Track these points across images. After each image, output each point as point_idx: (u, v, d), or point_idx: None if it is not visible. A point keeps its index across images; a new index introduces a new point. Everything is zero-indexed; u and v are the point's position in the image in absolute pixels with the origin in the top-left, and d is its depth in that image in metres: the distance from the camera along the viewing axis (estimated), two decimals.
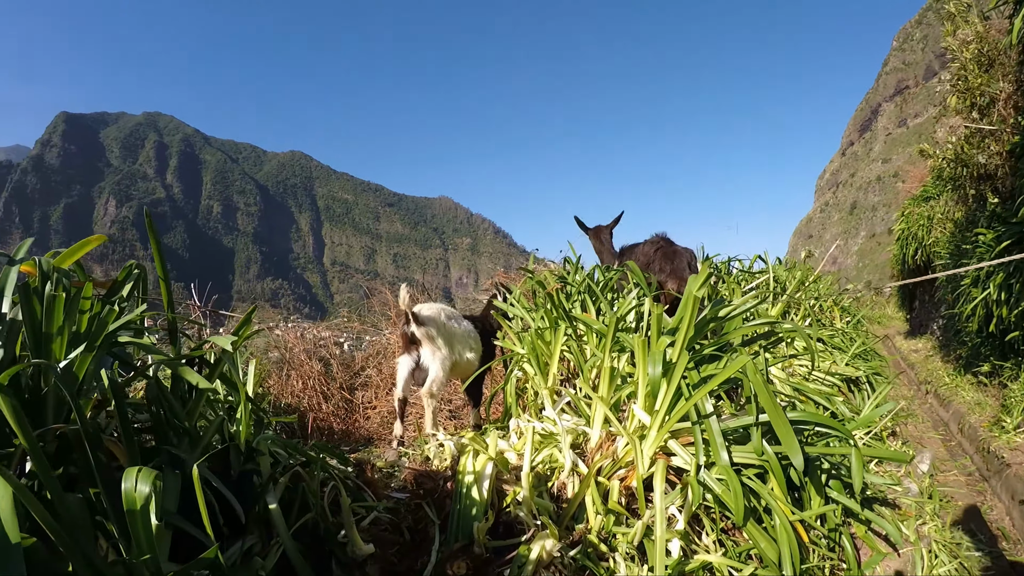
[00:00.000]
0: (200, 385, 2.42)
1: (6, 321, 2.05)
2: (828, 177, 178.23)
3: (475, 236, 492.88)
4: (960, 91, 9.55)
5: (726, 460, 2.82)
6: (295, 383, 6.76)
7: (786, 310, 7.56)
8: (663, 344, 3.29)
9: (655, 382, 3.15)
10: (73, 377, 2.07)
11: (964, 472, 6.70)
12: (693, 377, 3.25)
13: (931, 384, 10.77)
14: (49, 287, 2.08)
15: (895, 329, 23.80)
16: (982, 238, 8.89)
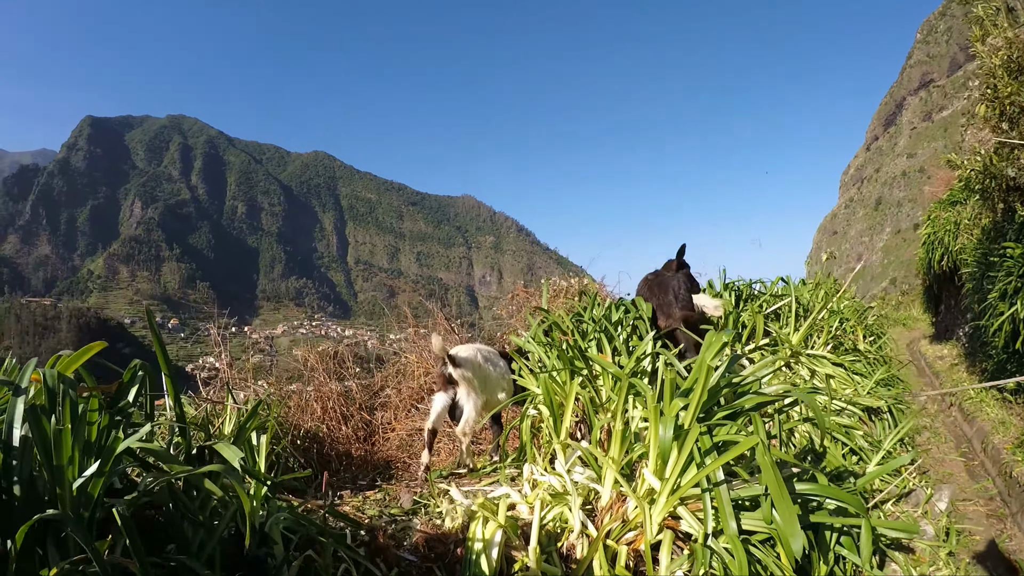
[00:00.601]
0: (216, 495, 2.45)
1: (19, 443, 2.07)
2: (852, 172, 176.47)
3: (498, 234, 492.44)
4: (989, 99, 9.23)
5: (734, 529, 2.82)
6: (315, 404, 6.79)
7: (808, 335, 7.46)
8: (675, 408, 3.27)
9: (666, 448, 3.16)
10: (88, 498, 2.10)
11: (985, 496, 6.62)
12: (705, 442, 3.23)
13: (955, 397, 10.64)
14: (56, 413, 2.11)
15: (920, 332, 23.52)
16: (1010, 251, 8.77)
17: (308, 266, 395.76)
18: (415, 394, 7.54)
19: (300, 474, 3.54)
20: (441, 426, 5.75)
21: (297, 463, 5.24)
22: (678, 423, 3.25)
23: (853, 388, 6.71)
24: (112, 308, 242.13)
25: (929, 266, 17.83)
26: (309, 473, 4.80)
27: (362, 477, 5.81)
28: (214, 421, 4.66)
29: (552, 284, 9.58)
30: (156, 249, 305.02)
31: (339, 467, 5.88)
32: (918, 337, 22.13)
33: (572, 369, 4.60)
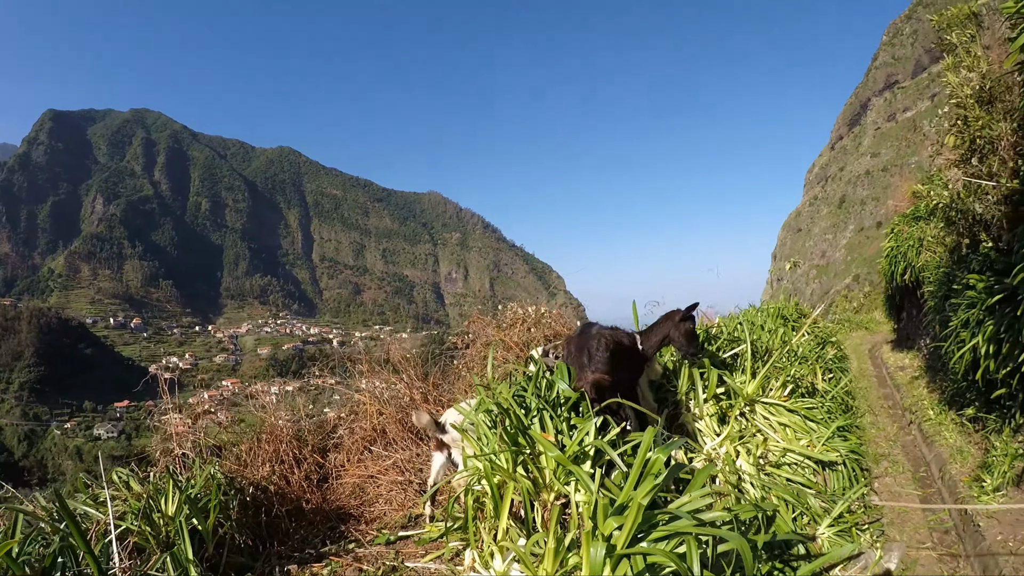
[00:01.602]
0: None
1: None
2: (817, 171, 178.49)
3: (464, 231, 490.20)
4: (959, 130, 9.25)
5: None
6: (267, 447, 6.63)
7: (764, 384, 7.37)
8: (609, 528, 3.24)
9: (596, 570, 3.12)
10: None
11: (940, 529, 6.66)
12: (638, 563, 3.18)
13: (916, 415, 10.72)
14: None
15: (882, 337, 23.86)
16: (973, 281, 8.76)
17: (273, 263, 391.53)
18: (368, 435, 7.39)
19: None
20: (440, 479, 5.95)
21: (245, 533, 5.06)
22: (611, 543, 3.20)
23: (809, 439, 6.64)
24: (73, 307, 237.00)
25: (892, 277, 18.06)
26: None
27: (314, 535, 5.70)
28: (159, 500, 4.49)
29: (510, 310, 9.47)
30: (118, 247, 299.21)
31: (289, 527, 5.70)
32: (880, 342, 22.44)
33: (515, 449, 4.54)
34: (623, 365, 5.60)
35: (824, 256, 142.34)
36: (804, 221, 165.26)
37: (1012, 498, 6.48)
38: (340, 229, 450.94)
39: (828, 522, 5.51)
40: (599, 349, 5.22)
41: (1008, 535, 5.84)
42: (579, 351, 5.34)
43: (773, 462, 6.20)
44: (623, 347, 5.66)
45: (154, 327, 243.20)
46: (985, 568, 5.60)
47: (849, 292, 63.97)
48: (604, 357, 5.18)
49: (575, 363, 5.37)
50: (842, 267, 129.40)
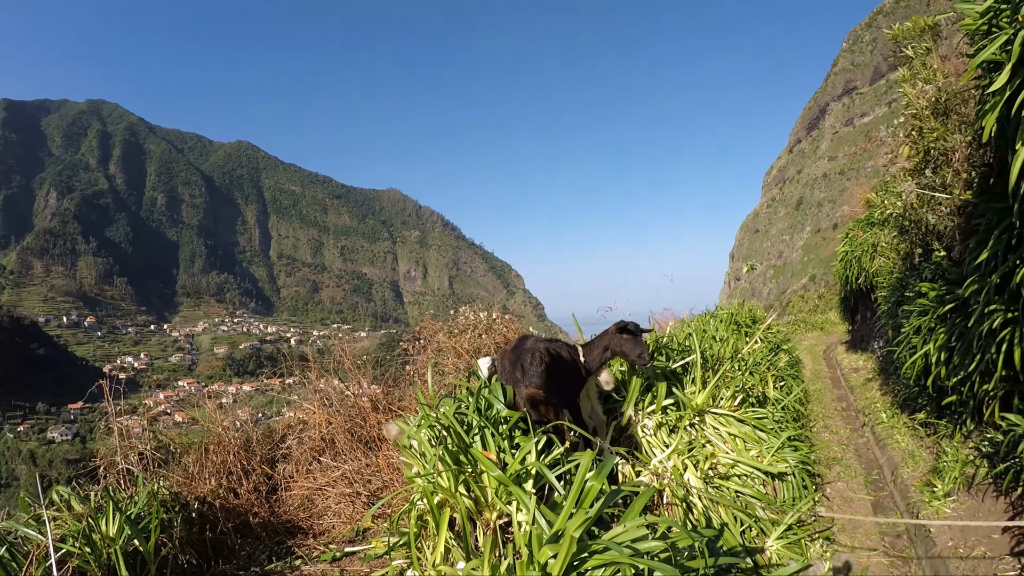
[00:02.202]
0: None
1: None
2: (775, 173, 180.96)
3: (423, 229, 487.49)
4: (914, 141, 9.26)
5: None
6: (214, 458, 6.47)
7: (714, 394, 7.33)
8: (545, 555, 3.20)
9: None
10: None
11: (893, 533, 6.72)
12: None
13: (869, 417, 10.86)
14: None
15: (837, 338, 24.22)
16: (925, 289, 8.94)
17: (230, 260, 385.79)
18: (317, 446, 7.22)
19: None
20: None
21: (189, 552, 4.91)
22: (547, 571, 3.18)
23: (759, 450, 6.64)
24: (26, 305, 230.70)
25: (846, 281, 18.33)
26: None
27: (260, 551, 5.56)
28: (99, 520, 4.33)
29: (462, 315, 9.34)
30: (72, 242, 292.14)
31: (235, 543, 5.54)
32: (835, 343, 22.77)
33: (457, 468, 4.45)
34: (561, 378, 5.40)
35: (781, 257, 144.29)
36: (762, 222, 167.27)
37: (962, 503, 6.55)
38: (298, 226, 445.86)
39: (777, 534, 5.51)
40: (532, 363, 5.03)
41: (959, 540, 5.91)
42: (513, 366, 5.14)
43: (722, 474, 6.18)
44: (561, 360, 5.48)
45: (108, 326, 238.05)
46: (936, 573, 5.65)
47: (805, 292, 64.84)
48: (538, 371, 4.98)
49: (509, 378, 5.17)
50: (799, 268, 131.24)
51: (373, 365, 8.39)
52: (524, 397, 4.99)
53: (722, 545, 4.68)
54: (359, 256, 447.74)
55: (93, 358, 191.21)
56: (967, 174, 8.33)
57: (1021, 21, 4.86)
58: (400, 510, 5.02)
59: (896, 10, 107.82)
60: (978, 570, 5.39)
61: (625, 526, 3.43)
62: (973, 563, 5.49)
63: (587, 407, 6.09)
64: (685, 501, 5.54)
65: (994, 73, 5.30)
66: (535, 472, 4.30)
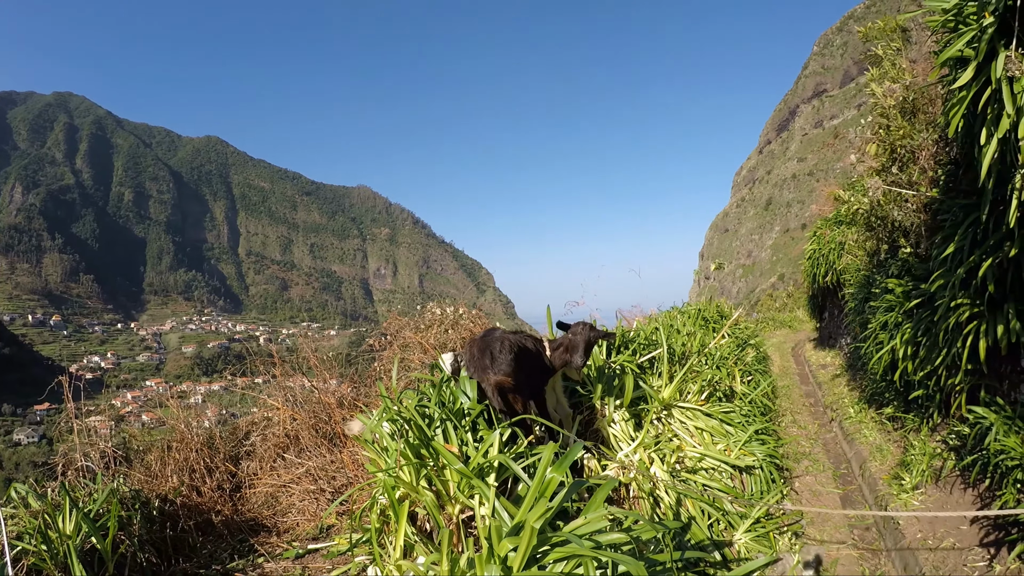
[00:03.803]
0: None
1: None
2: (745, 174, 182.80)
3: (394, 226, 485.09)
4: (880, 140, 9.32)
5: None
6: (177, 455, 6.38)
7: (681, 388, 7.33)
8: (505, 548, 3.14)
9: None
10: None
11: (862, 526, 6.76)
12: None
13: (837, 412, 10.94)
14: None
15: (805, 335, 24.42)
16: (892, 285, 9.00)
17: (198, 258, 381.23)
18: (281, 442, 7.11)
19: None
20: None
21: (148, 550, 4.80)
22: (507, 564, 3.12)
23: (726, 443, 6.66)
24: None
25: (814, 279, 18.45)
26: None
27: (222, 549, 5.46)
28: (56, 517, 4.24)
29: (428, 310, 9.27)
30: (37, 239, 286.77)
31: (196, 541, 5.44)
32: (803, 340, 22.95)
33: (418, 461, 4.40)
34: (528, 370, 5.34)
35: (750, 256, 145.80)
36: (731, 222, 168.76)
37: (930, 496, 6.58)
38: (267, 223, 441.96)
39: (745, 527, 5.51)
40: (502, 351, 4.96)
41: (928, 532, 5.94)
42: (482, 354, 5.04)
43: (690, 467, 6.15)
44: (528, 351, 5.41)
45: (74, 325, 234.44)
46: (906, 566, 5.67)
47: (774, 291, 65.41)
48: (507, 359, 4.92)
49: (477, 366, 5.07)
50: (767, 267, 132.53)
51: (341, 363, 8.29)
52: (492, 384, 4.92)
53: (690, 539, 4.72)
54: (329, 254, 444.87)
55: (59, 358, 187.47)
56: (933, 172, 8.42)
57: (988, 18, 4.90)
58: (363, 506, 4.96)
59: (867, 15, 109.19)
60: (947, 562, 5.41)
61: (587, 518, 3.37)
62: (942, 555, 5.51)
63: (552, 400, 5.99)
64: (652, 495, 5.51)
65: (960, 70, 5.34)
66: (498, 465, 4.23)
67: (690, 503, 5.43)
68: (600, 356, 6.95)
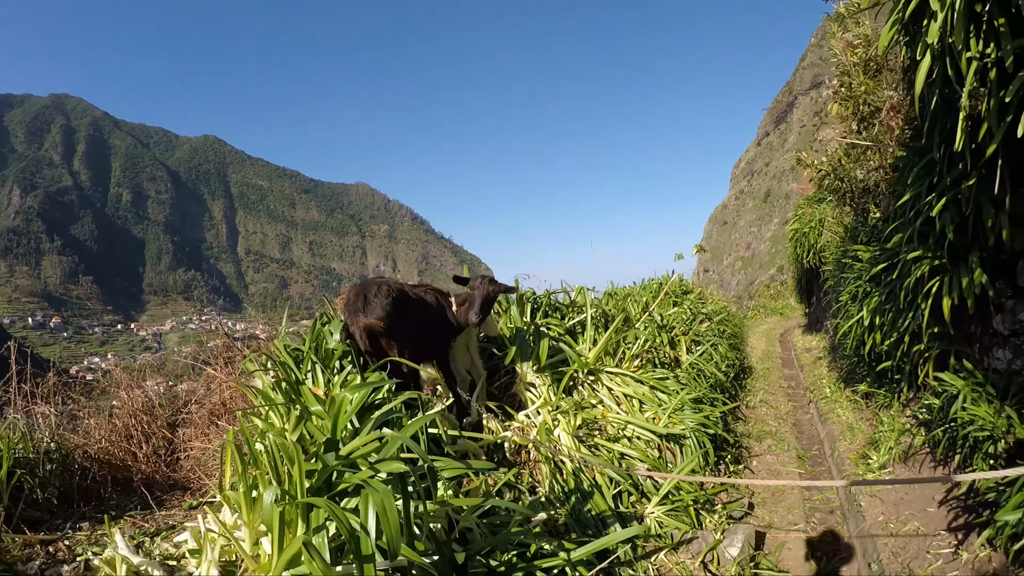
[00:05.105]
0: None
1: None
2: (743, 166, 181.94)
3: (392, 223, 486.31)
4: (843, 98, 9.00)
5: None
6: (117, 422, 6.39)
7: (612, 350, 6.86)
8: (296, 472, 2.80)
9: (268, 517, 2.76)
10: None
11: (826, 508, 6.23)
12: (319, 516, 2.76)
13: (814, 393, 10.58)
14: None
15: (796, 322, 24.02)
16: (860, 253, 8.65)
17: (197, 257, 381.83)
18: (216, 409, 6.89)
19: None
20: None
21: (52, 492, 4.81)
22: (288, 491, 2.86)
23: (655, 411, 6.12)
24: None
25: (798, 260, 18.09)
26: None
27: (133, 503, 5.26)
28: None
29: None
30: (36, 241, 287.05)
31: (106, 494, 5.37)
32: (793, 327, 22.55)
33: (288, 404, 4.06)
34: (421, 323, 5.01)
35: (749, 248, 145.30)
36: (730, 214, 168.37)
37: (898, 475, 6.11)
38: (266, 221, 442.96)
39: (656, 500, 5.00)
40: (377, 295, 4.60)
41: (891, 515, 5.44)
42: (356, 297, 4.66)
43: (612, 435, 5.66)
44: (421, 304, 5.08)
45: (74, 326, 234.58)
46: (865, 551, 5.13)
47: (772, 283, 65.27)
48: (382, 303, 4.56)
49: (350, 309, 4.69)
50: (767, 259, 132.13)
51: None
52: (360, 327, 4.55)
53: (590, 509, 4.30)
54: (328, 251, 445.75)
55: (60, 359, 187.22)
56: (898, 129, 8.05)
57: None
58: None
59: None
60: (909, 548, 4.86)
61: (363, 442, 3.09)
62: (904, 541, 4.99)
63: (466, 360, 5.69)
64: (554, 460, 4.98)
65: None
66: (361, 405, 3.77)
67: (597, 471, 4.91)
68: (518, 317, 6.57)
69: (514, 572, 3.20)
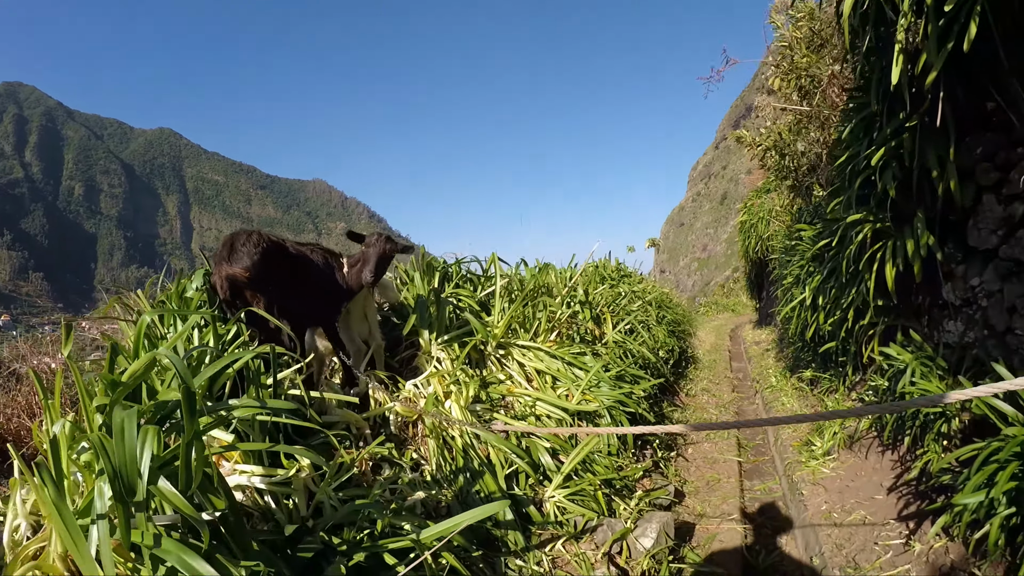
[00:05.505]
0: None
1: None
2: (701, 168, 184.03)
3: (349, 220, 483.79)
4: (785, 72, 8.84)
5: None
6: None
7: (529, 324, 6.49)
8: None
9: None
10: None
11: (769, 496, 5.81)
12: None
13: (760, 384, 10.32)
14: None
15: (748, 318, 23.94)
16: (804, 233, 8.36)
17: (150, 254, 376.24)
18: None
19: None
20: None
21: None
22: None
23: (568, 387, 5.68)
24: None
25: (748, 253, 17.92)
26: None
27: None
28: None
29: None
30: None
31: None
32: (744, 323, 22.45)
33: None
34: (302, 281, 4.57)
35: (706, 250, 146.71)
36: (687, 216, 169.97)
37: (844, 462, 5.70)
38: (221, 217, 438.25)
39: (557, 483, 4.53)
40: (246, 244, 4.13)
41: (834, 503, 5.03)
42: (223, 247, 4.19)
43: (519, 413, 5.18)
44: (303, 261, 4.64)
45: (24, 324, 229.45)
46: (807, 544, 4.68)
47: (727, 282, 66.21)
48: (249, 252, 4.10)
49: (216, 259, 4.22)
50: (722, 260, 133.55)
51: None
52: (223, 276, 4.09)
53: (479, 490, 3.92)
54: None
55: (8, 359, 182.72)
56: (841, 103, 7.89)
57: None
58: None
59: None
60: (855, 539, 4.42)
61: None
62: (849, 531, 4.54)
63: (363, 329, 5.29)
64: (443, 436, 4.48)
65: None
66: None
67: (492, 449, 4.42)
68: (422, 284, 6.13)
69: (357, 550, 2.80)
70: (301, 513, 3.10)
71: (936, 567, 3.73)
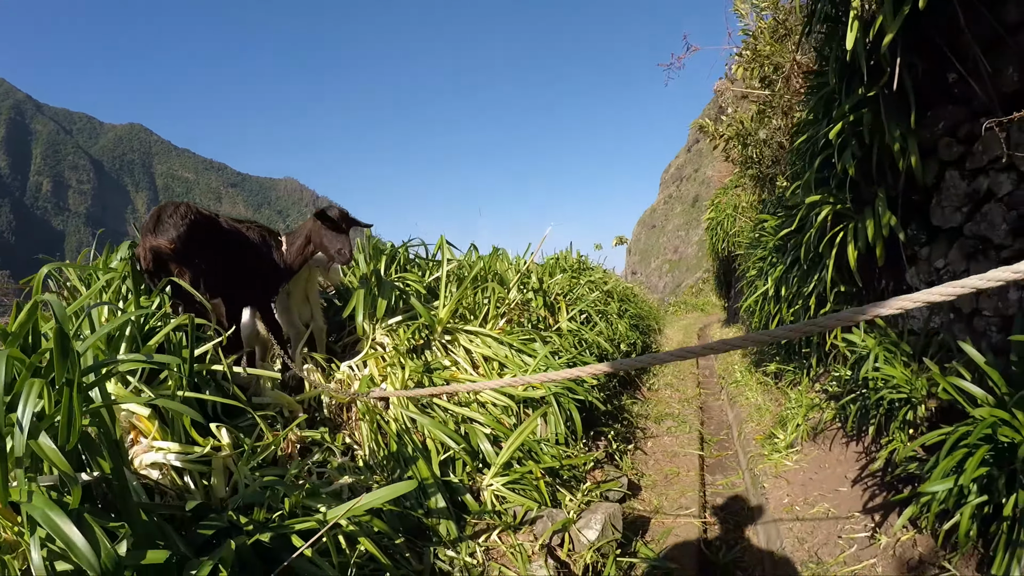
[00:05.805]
0: None
1: None
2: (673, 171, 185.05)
3: None
4: (748, 61, 8.84)
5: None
6: None
7: (470, 310, 6.36)
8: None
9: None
10: None
11: (731, 491, 5.66)
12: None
13: (725, 379, 10.25)
14: None
15: (716, 317, 23.91)
16: (768, 223, 8.27)
17: None
18: None
19: None
20: None
21: None
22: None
23: (515, 373, 5.52)
24: None
25: (715, 252, 17.87)
26: None
27: None
28: None
29: None
30: None
31: None
32: (713, 322, 22.40)
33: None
34: (231, 257, 4.34)
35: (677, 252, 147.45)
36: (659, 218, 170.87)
37: (807, 454, 5.58)
38: None
39: (495, 471, 4.34)
40: (173, 215, 3.93)
41: (797, 496, 4.89)
42: (150, 217, 3.99)
43: (463, 399, 5.00)
44: (226, 232, 4.37)
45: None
46: (768, 538, 4.51)
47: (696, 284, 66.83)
48: (175, 224, 3.90)
49: (142, 230, 4.01)
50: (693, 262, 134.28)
51: None
52: (147, 247, 3.92)
53: (411, 476, 3.73)
54: None
55: None
56: (803, 86, 7.93)
57: None
58: None
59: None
60: (817, 532, 4.25)
61: None
62: (811, 525, 4.39)
63: (305, 312, 5.14)
64: (376, 419, 4.28)
65: None
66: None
67: (429, 435, 4.24)
68: (365, 265, 6.00)
69: (264, 530, 2.66)
70: (219, 494, 2.98)
71: (903, 560, 3.58)
